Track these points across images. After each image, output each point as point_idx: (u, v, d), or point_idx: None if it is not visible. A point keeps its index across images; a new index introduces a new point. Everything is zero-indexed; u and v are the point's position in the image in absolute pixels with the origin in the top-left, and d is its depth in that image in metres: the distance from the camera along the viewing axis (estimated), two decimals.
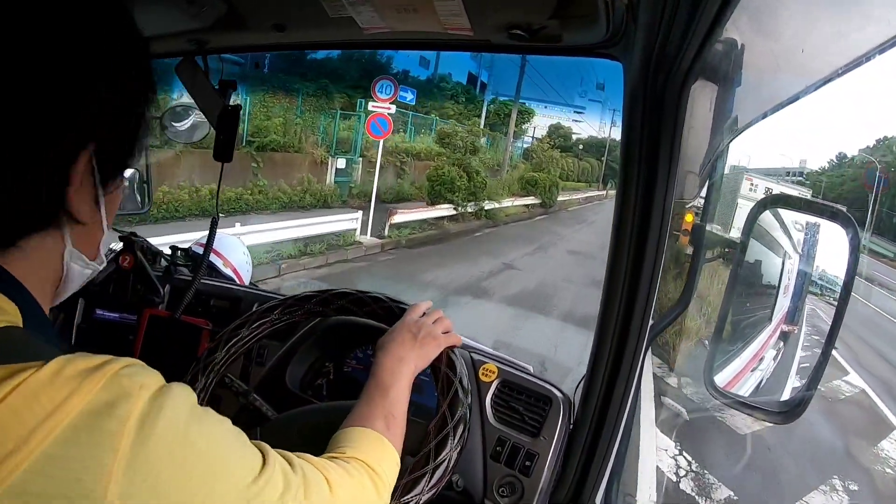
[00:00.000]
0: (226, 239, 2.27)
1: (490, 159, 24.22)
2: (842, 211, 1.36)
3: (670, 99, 0.97)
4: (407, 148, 19.24)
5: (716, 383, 1.44)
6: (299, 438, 1.10)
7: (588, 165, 40.16)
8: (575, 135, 42.03)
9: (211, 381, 1.19)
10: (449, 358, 1.10)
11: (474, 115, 28.07)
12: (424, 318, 1.13)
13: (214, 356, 1.20)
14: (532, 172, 25.04)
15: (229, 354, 1.21)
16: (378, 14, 1.08)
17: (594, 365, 1.22)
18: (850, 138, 79.91)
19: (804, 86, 0.92)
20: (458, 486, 1.24)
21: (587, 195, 34.30)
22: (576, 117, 41.92)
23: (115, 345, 1.62)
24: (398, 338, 1.07)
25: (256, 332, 1.24)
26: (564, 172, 32.95)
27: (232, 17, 1.24)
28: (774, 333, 1.98)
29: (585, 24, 0.98)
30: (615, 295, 1.16)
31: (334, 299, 1.23)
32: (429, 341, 1.08)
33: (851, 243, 1.25)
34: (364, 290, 1.23)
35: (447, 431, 1.02)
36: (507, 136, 26.81)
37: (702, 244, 1.48)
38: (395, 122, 16.12)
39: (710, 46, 0.83)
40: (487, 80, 31.42)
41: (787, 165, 42.22)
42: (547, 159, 28.68)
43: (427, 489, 0.97)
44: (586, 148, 42.98)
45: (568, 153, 37.98)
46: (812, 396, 1.33)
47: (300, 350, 1.50)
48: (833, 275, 1.55)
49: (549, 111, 40.03)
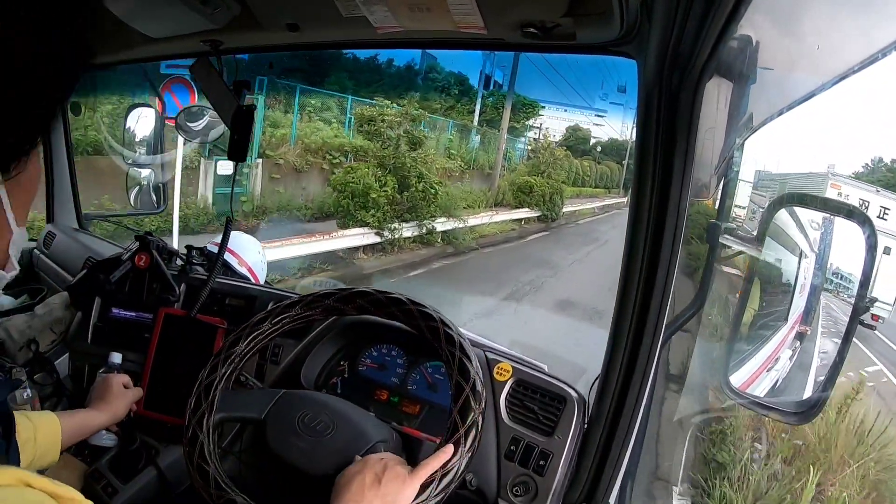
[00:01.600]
0: (241, 238, 2.28)
1: (479, 160, 20.16)
2: (858, 209, 1.34)
3: (685, 96, 0.96)
4: (341, 144, 13.65)
5: (731, 384, 1.43)
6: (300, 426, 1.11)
7: (607, 170, 37.27)
8: (595, 138, 40.25)
9: (230, 371, 1.20)
10: (461, 363, 1.09)
11: (468, 109, 23.31)
12: (387, 457, 1.03)
13: (235, 348, 1.21)
14: (527, 177, 20.07)
15: (250, 347, 1.23)
16: (391, 13, 1.09)
17: (609, 364, 1.22)
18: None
19: (820, 83, 0.92)
20: (471, 485, 1.24)
21: (604, 203, 29.66)
22: (597, 121, 40.90)
23: (131, 343, 1.63)
24: (356, 482, 0.97)
25: (278, 326, 1.25)
26: (580, 177, 29.97)
27: (246, 18, 1.25)
28: (790, 333, 1.97)
29: (599, 21, 0.98)
30: (630, 294, 1.15)
31: (355, 298, 1.24)
32: (394, 486, 0.96)
33: (868, 241, 1.24)
34: (384, 291, 1.24)
35: (458, 437, 1.02)
36: (500, 132, 21.70)
37: (717, 244, 1.47)
38: (330, 110, 13.83)
39: (724, 44, 0.83)
40: (502, 79, 29.44)
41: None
42: (548, 160, 22.94)
43: (434, 495, 0.98)
44: (606, 151, 40.59)
45: (587, 157, 35.39)
46: (828, 397, 1.31)
47: (316, 348, 1.51)
48: (849, 273, 1.53)
49: (569, 114, 39.34)
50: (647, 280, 1.12)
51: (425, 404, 1.47)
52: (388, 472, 0.97)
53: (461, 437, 1.02)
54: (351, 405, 1.18)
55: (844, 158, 19.57)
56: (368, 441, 1.08)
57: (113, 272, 1.66)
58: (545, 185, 19.12)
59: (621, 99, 39.24)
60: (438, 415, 1.43)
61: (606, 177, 36.70)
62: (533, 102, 26.61)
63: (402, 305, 1.20)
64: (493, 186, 19.45)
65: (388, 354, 1.54)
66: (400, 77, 22.61)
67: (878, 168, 13.77)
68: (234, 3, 1.20)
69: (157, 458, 1.51)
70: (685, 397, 3.84)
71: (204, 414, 1.13)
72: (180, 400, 1.21)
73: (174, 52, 1.61)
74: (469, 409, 1.04)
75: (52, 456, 1.22)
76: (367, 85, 19.02)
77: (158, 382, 1.54)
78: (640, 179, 1.08)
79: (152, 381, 1.55)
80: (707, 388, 3.90)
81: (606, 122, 40.58)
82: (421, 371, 1.50)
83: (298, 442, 1.08)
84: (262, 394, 1.26)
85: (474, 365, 1.10)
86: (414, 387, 1.50)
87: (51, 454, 1.22)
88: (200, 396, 1.15)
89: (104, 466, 1.47)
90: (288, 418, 1.12)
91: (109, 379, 1.43)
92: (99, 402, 1.39)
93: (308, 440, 1.08)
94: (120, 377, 1.45)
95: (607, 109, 40.82)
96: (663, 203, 1.06)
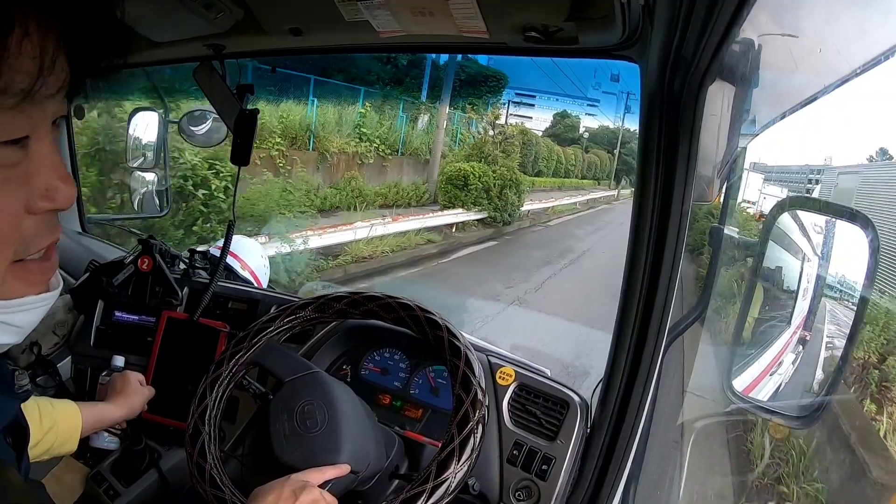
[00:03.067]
0: (243, 242, 2.29)
1: (413, 143, 15.72)
2: (861, 213, 1.34)
3: (687, 100, 0.96)
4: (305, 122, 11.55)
5: (734, 388, 1.42)
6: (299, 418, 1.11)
7: (596, 159, 35.40)
8: (585, 127, 38.95)
9: (235, 371, 1.20)
10: (464, 374, 1.09)
11: (415, 85, 18.55)
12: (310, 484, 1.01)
13: (242, 345, 1.22)
14: (462, 163, 14.75)
15: (255, 348, 1.23)
16: (394, 17, 1.09)
17: (612, 368, 1.22)
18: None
19: (823, 85, 0.92)
20: (474, 489, 1.24)
21: (591, 196, 26.68)
22: (589, 110, 40.13)
23: (133, 346, 1.63)
24: (273, 494, 0.96)
25: (286, 327, 1.26)
26: (563, 167, 27.58)
27: (249, 22, 1.26)
28: (793, 337, 1.96)
29: (601, 26, 0.98)
30: (633, 297, 1.15)
31: (365, 301, 1.24)
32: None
33: (871, 245, 1.24)
34: (392, 295, 1.24)
35: (452, 449, 1.02)
36: (440, 105, 16.70)
37: (720, 247, 1.47)
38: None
39: (726, 47, 0.83)
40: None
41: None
42: (495, 140, 16.99)
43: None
44: (595, 139, 39.41)
45: (575, 145, 33.91)
46: (832, 401, 1.31)
47: (318, 352, 1.51)
48: (852, 278, 1.53)
49: (560, 104, 38.47)
50: (650, 284, 1.12)
51: (428, 408, 1.46)
52: (307, 493, 0.96)
53: (455, 449, 1.01)
54: (358, 417, 1.17)
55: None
56: (333, 460, 1.06)
57: (116, 275, 1.66)
58: (489, 175, 14.18)
59: (614, 88, 38.34)
60: (441, 419, 1.43)
61: (595, 167, 34.82)
62: (498, 73, 20.83)
63: (411, 311, 1.20)
64: (431, 178, 15.08)
65: (390, 358, 1.54)
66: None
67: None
68: (237, 7, 1.20)
69: (159, 461, 1.51)
70: (688, 401, 3.82)
71: (207, 410, 1.13)
72: (182, 403, 1.22)
73: (177, 56, 1.61)
74: (467, 423, 1.04)
75: (71, 444, 1.24)
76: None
77: (161, 386, 1.54)
78: (643, 183, 1.08)
79: (155, 384, 1.55)
80: (710, 392, 3.88)
81: (599, 112, 39.52)
82: (423, 375, 1.50)
83: (285, 423, 1.09)
84: (300, 362, 1.25)
85: (477, 375, 1.09)
86: (416, 391, 1.49)
87: (70, 442, 1.24)
88: (205, 392, 1.16)
89: (106, 469, 1.48)
90: (297, 397, 1.13)
91: (127, 375, 1.45)
92: (117, 396, 1.39)
93: (293, 426, 1.09)
94: (136, 374, 1.47)
95: (600, 99, 39.96)
96: (666, 206, 1.06)
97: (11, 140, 0.47)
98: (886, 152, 7.43)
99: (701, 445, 4.58)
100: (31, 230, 0.52)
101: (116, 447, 1.50)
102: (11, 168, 0.48)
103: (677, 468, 1.95)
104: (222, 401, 1.18)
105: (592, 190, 29.44)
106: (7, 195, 0.49)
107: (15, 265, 0.52)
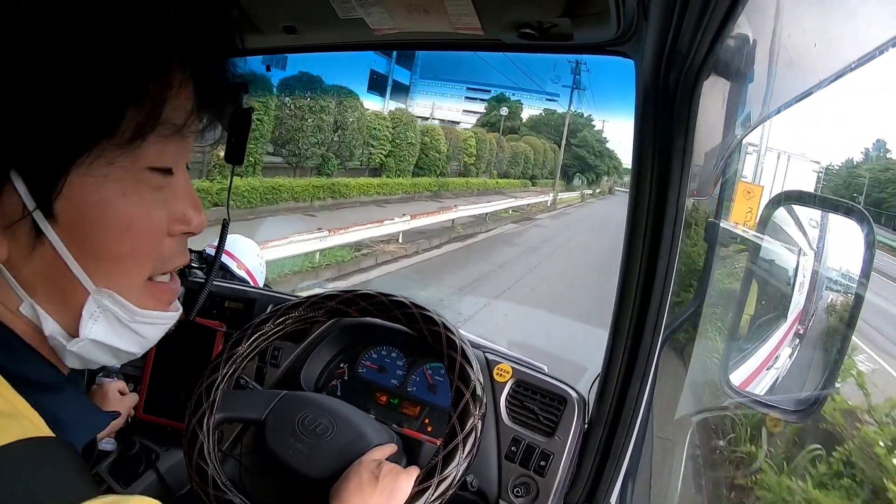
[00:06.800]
0: (239, 241, 2.28)
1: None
2: (857, 206, 1.34)
3: (682, 95, 0.96)
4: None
5: (731, 382, 1.43)
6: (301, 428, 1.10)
7: (528, 150, 28.75)
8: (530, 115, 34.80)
9: (232, 372, 1.20)
10: (462, 367, 1.09)
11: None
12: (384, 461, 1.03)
13: (238, 348, 1.21)
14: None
15: (252, 348, 1.22)
16: (388, 15, 1.08)
17: (609, 364, 1.22)
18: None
19: (817, 80, 0.92)
20: (472, 486, 1.24)
21: (503, 205, 18.67)
22: (548, 105, 38.43)
23: None
24: (353, 482, 0.97)
25: (280, 327, 1.25)
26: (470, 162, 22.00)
27: (242, 21, 1.25)
28: (790, 331, 1.97)
29: (596, 21, 0.98)
30: (629, 293, 1.15)
31: (358, 300, 1.24)
32: (390, 480, 0.97)
33: (867, 239, 1.24)
34: (387, 294, 1.23)
35: (456, 443, 1.01)
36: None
37: (716, 242, 1.47)
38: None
39: (721, 42, 0.83)
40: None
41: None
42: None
43: (430, 501, 0.97)
44: (537, 127, 35.04)
45: (513, 135, 29.22)
46: (828, 395, 1.32)
47: (315, 351, 1.51)
48: (848, 271, 1.53)
49: (518, 97, 36.50)
50: (646, 279, 1.12)
51: (425, 406, 1.46)
52: (383, 467, 0.98)
53: (459, 443, 1.01)
54: (351, 407, 1.17)
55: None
56: (368, 444, 1.08)
57: None
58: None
59: (574, 82, 36.38)
60: (439, 416, 1.43)
61: (528, 161, 28.09)
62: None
63: (406, 309, 1.19)
64: None
65: (387, 356, 1.54)
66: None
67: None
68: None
69: (156, 462, 1.51)
70: (685, 396, 3.82)
71: (205, 414, 1.13)
72: (179, 403, 1.21)
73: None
74: (468, 415, 1.04)
75: None
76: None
77: (157, 386, 1.54)
78: (638, 179, 1.08)
79: (151, 384, 1.55)
80: (708, 387, 3.88)
81: (559, 106, 37.19)
82: (421, 373, 1.50)
83: (297, 443, 1.08)
84: (262, 395, 1.25)
85: (475, 370, 1.09)
86: (414, 388, 1.49)
87: None
88: (201, 396, 1.15)
89: (104, 471, 1.47)
90: (288, 420, 1.12)
91: (105, 387, 1.43)
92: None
93: (307, 442, 1.08)
94: (116, 384, 1.45)
95: (559, 93, 38.66)
96: (661, 202, 1.06)
97: (163, 168, 0.55)
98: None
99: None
100: (168, 250, 0.60)
101: (114, 448, 1.49)
102: (159, 191, 0.56)
103: (675, 462, 1.95)
104: (219, 403, 1.18)
105: (516, 192, 21.59)
106: (156, 213, 0.56)
107: (149, 283, 0.60)
